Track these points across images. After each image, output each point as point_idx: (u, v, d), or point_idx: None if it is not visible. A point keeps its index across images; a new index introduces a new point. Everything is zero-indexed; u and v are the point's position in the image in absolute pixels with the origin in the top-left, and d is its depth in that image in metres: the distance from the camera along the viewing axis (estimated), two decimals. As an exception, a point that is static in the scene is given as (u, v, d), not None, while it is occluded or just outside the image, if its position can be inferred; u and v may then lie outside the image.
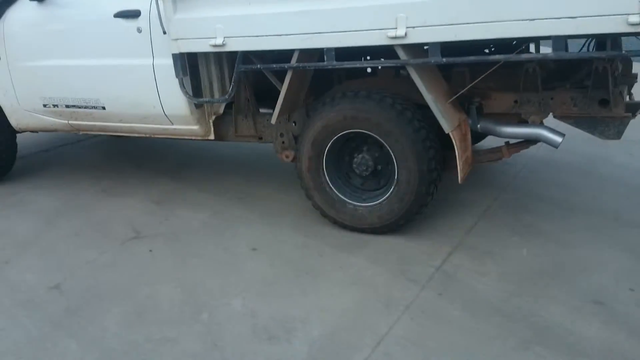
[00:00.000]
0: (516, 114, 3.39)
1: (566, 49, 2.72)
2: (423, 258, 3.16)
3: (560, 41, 2.62)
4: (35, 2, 3.99)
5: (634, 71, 3.63)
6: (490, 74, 3.07)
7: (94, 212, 4.05)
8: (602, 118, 3.13)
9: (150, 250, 3.42)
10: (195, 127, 3.88)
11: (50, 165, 5.17)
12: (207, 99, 3.73)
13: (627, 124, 3.12)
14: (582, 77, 3.26)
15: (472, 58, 2.89)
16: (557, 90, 3.27)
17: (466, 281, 2.91)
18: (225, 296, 2.87)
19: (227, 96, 3.60)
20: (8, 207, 4.22)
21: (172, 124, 3.92)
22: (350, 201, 3.46)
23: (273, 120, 3.57)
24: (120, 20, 3.65)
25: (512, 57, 2.86)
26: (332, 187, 3.49)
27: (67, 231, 3.76)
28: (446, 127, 3.11)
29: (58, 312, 2.81)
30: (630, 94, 3.57)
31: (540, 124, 3.31)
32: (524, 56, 3.09)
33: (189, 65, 3.54)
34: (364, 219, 3.40)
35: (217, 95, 3.77)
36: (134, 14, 3.59)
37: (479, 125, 3.43)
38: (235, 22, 3.22)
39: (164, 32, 3.43)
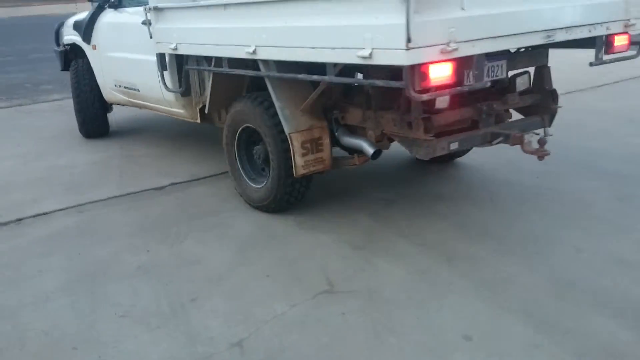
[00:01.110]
0: (363, 127, 3.94)
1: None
2: None
3: (331, 67, 3.23)
4: (112, 9, 5.61)
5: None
6: (351, 91, 4.04)
7: (287, 248, 3.75)
8: (414, 139, 3.56)
9: (343, 314, 2.97)
10: (182, 111, 5.06)
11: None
12: (173, 90, 4.80)
13: (435, 146, 3.48)
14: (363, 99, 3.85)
15: (300, 76, 3.58)
16: (387, 110, 3.71)
17: None
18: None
19: (181, 89, 4.75)
20: (209, 229, 4.12)
21: (170, 107, 5.15)
22: (249, 182, 4.41)
23: (206, 111, 4.69)
24: (143, 27, 4.66)
25: (305, 77, 3.55)
26: (241, 170, 4.49)
27: (259, 268, 3.49)
28: (286, 128, 3.85)
29: (237, 382, 2.48)
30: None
31: (363, 138, 3.93)
32: (314, 77, 3.46)
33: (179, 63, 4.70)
34: (254, 197, 4.34)
35: (199, 89, 4.85)
36: (149, 22, 4.58)
37: (336, 133, 4.09)
38: (182, 33, 4.30)
39: (150, 37, 4.58)
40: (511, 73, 3.88)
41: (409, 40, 2.62)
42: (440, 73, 2.86)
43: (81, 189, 4.97)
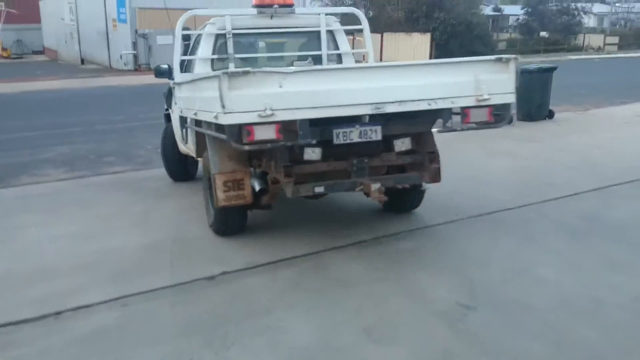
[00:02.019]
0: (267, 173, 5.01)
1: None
2: None
3: (210, 124, 4.64)
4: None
5: None
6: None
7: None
8: (284, 182, 4.66)
9: None
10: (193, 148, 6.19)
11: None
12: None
13: (298, 188, 4.62)
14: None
15: (209, 132, 4.89)
16: (274, 160, 4.71)
17: None
18: None
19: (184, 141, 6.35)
20: (260, 332, 3.64)
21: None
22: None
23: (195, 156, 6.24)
24: None
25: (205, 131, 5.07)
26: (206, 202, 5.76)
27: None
28: (212, 170, 5.00)
29: None
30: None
31: (256, 179, 5.01)
32: (209, 132, 4.91)
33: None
34: (209, 222, 5.64)
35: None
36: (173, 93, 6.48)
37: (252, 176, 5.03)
38: (182, 101, 5.88)
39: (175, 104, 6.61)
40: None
41: (223, 107, 3.85)
42: (264, 131, 3.96)
43: (128, 277, 4.63)
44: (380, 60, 28.77)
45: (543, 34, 38.84)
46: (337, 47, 6.31)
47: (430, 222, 5.71)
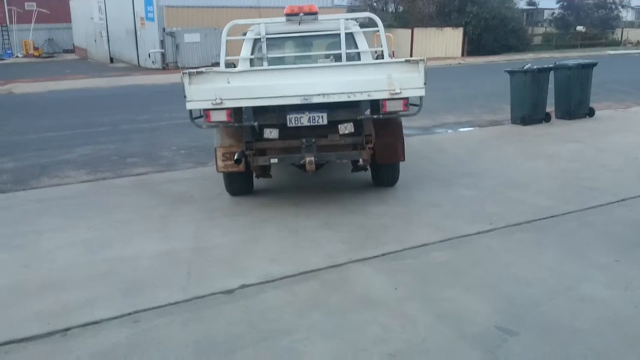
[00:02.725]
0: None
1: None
2: None
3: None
4: None
5: None
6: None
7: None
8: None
9: None
10: None
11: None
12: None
13: (258, 159, 5.93)
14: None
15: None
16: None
17: None
18: None
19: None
20: (278, 356, 3.33)
21: None
22: None
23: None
24: None
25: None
26: None
27: None
28: (215, 144, 6.22)
29: None
30: None
31: (239, 151, 6.01)
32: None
33: None
34: None
35: None
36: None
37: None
38: None
39: None
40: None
41: (185, 97, 5.39)
42: (218, 115, 5.56)
43: (142, 290, 4.38)
44: (411, 55, 28.22)
45: (579, 28, 37.63)
46: (356, 47, 6.83)
47: (465, 231, 5.32)
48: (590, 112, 11.08)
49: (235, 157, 5.98)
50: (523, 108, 10.46)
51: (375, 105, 5.74)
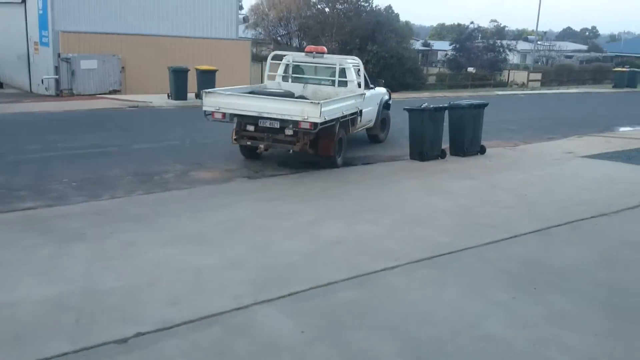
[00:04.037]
0: None
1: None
2: None
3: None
4: None
5: None
6: None
7: None
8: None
9: None
10: None
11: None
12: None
13: (239, 142, 10.27)
14: None
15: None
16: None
17: None
18: None
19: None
20: None
21: None
22: None
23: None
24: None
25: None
26: None
27: None
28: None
29: None
30: None
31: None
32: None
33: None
34: None
35: None
36: None
37: None
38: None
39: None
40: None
41: (203, 105, 9.90)
42: (217, 115, 9.84)
43: (24, 340, 3.96)
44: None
45: (470, 69, 40.23)
46: (345, 76, 11.71)
47: (371, 268, 5.33)
48: (482, 150, 11.71)
49: (234, 137, 10.22)
50: (421, 144, 10.87)
51: (295, 123, 9.48)
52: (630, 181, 9.12)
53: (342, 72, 11.72)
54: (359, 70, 11.99)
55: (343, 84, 11.64)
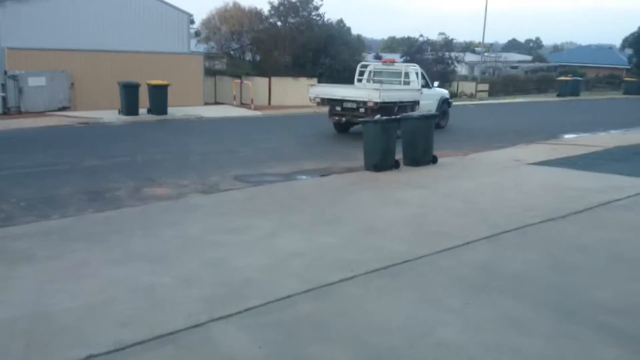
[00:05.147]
0: None
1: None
2: None
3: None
4: None
5: None
6: None
7: None
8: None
9: None
10: None
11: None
12: None
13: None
14: None
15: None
16: None
17: None
18: None
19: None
20: None
21: None
22: None
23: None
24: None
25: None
26: None
27: None
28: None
29: None
30: None
31: None
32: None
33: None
34: None
35: None
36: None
37: None
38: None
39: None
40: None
41: (309, 94, 16.97)
42: (314, 100, 16.71)
43: (-32, 370, 3.80)
44: (269, 103, 28.75)
45: (421, 80, 40.99)
46: (408, 78, 17.57)
47: (328, 280, 5.35)
48: (434, 160, 11.94)
49: (329, 116, 16.11)
50: (375, 155, 11.01)
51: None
52: (575, 187, 9.46)
53: (406, 74, 17.81)
54: (418, 73, 18.09)
55: (407, 83, 17.70)
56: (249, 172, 11.15)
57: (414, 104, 16.52)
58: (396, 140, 11.36)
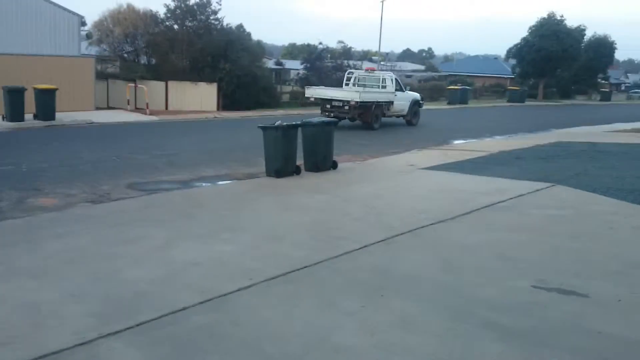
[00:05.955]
0: None
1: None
2: None
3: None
4: None
5: None
6: None
7: None
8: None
9: None
10: None
11: None
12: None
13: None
14: None
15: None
16: None
17: None
18: None
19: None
20: None
21: None
22: None
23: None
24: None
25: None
26: None
27: None
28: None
29: None
30: None
31: None
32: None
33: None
34: None
35: None
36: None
37: None
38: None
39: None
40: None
41: (306, 93, 24.73)
42: (312, 99, 24.18)
43: None
44: (166, 108, 27.97)
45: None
46: (385, 83, 22.87)
47: (225, 290, 5.25)
48: (334, 165, 12.15)
49: (321, 112, 21.27)
50: (276, 161, 11.00)
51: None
52: (464, 189, 9.97)
53: (384, 80, 23.00)
54: (393, 80, 22.86)
55: (384, 87, 22.71)
56: (143, 180, 10.76)
57: (389, 103, 21.94)
58: (296, 145, 11.42)
